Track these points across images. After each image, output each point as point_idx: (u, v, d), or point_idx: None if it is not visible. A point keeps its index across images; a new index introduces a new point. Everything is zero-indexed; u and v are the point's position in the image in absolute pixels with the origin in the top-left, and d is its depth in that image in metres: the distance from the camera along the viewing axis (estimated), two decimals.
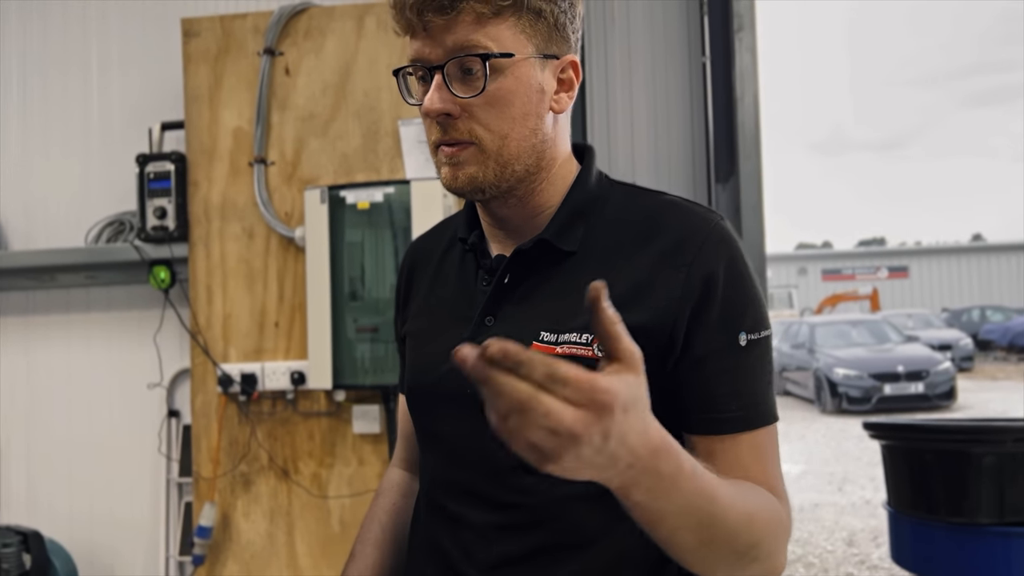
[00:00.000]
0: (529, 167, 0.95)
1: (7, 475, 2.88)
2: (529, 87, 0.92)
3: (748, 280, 0.93)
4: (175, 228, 2.60)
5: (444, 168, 0.94)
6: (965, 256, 29.19)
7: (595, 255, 0.96)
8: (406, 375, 1.10)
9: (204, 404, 2.59)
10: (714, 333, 0.90)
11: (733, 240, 0.94)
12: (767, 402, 0.93)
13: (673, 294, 0.90)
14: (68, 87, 2.91)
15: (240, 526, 2.56)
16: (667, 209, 0.97)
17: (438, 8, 0.89)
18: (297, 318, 2.56)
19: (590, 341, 0.90)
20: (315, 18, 2.58)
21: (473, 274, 1.03)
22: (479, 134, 0.91)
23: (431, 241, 1.17)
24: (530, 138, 0.94)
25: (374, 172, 2.54)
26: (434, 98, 0.90)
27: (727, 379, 0.90)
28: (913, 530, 2.24)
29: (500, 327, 0.96)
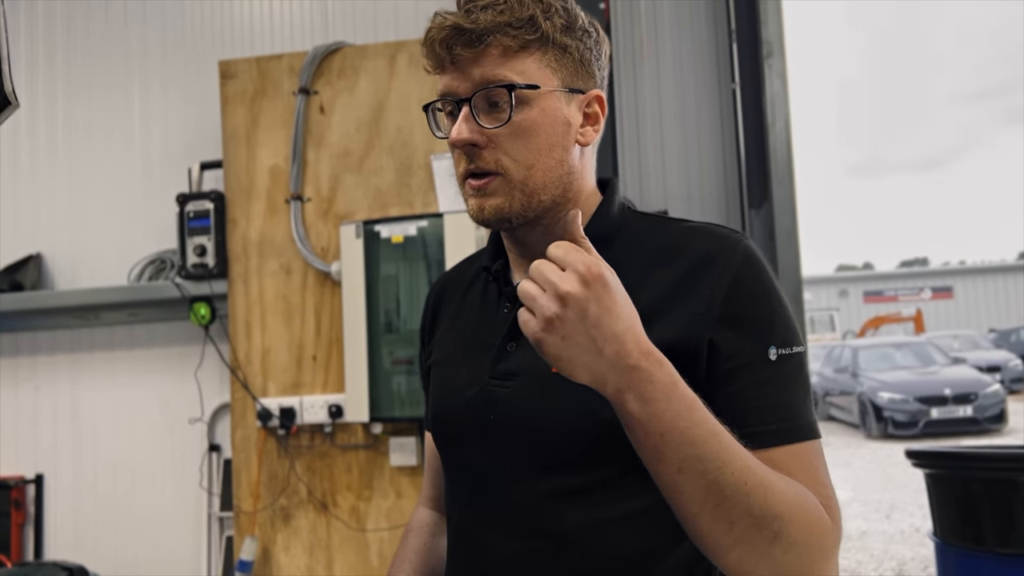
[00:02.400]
0: (556, 197, 0.96)
1: (53, 510, 2.93)
2: (555, 119, 0.94)
3: (775, 296, 0.92)
4: (215, 265, 2.65)
5: (471, 200, 0.96)
6: (1012, 275, 28.55)
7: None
8: (430, 404, 1.11)
9: (244, 438, 2.62)
10: (743, 347, 0.89)
11: (757, 258, 0.94)
12: (804, 417, 0.90)
13: (696, 309, 0.90)
14: (110, 130, 3.00)
15: (280, 560, 2.57)
16: (690, 232, 0.97)
17: (466, 42, 0.92)
18: (334, 352, 2.58)
19: None
20: (348, 57, 2.63)
21: (495, 302, 1.05)
22: (505, 164, 0.93)
23: (457, 275, 1.19)
24: (556, 169, 0.95)
25: (408, 206, 2.57)
26: (461, 128, 0.92)
27: (759, 393, 0.88)
28: (960, 561, 2.18)
29: (522, 352, 0.97)
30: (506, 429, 0.96)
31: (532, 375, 0.95)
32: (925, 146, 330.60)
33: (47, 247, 2.99)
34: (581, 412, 0.89)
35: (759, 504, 0.77)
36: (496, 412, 0.97)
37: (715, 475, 0.76)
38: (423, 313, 1.22)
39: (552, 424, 0.92)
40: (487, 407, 0.98)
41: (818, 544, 0.82)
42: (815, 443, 0.91)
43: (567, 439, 0.91)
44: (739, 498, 0.77)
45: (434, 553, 1.15)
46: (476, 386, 1.00)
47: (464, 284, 1.15)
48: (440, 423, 1.07)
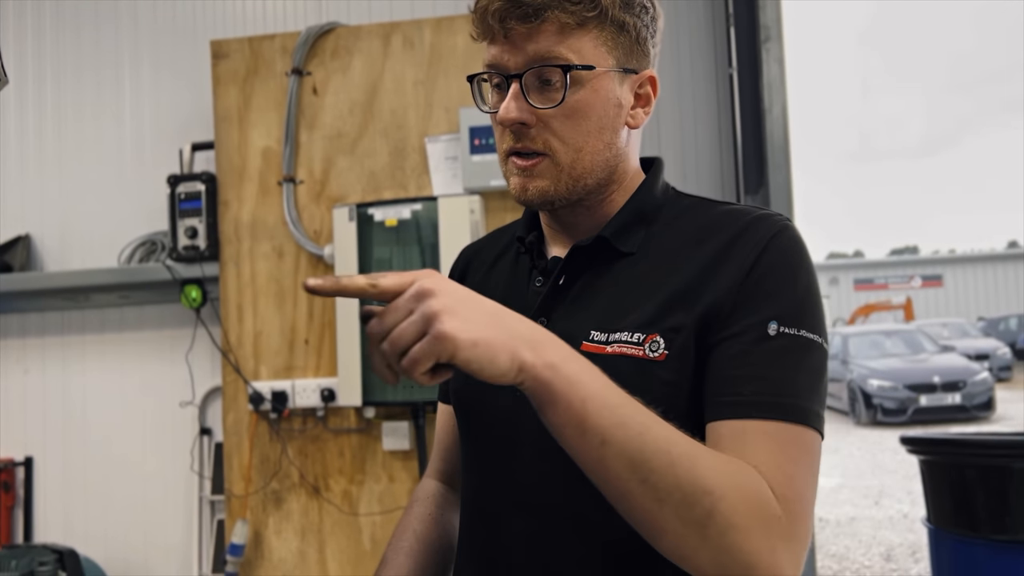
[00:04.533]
0: (600, 180, 0.94)
1: (43, 493, 2.91)
2: (607, 101, 0.91)
3: (799, 278, 0.87)
4: (206, 247, 2.63)
5: (514, 178, 0.93)
6: (1001, 264, 28.69)
7: (651, 259, 0.94)
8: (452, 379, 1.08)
9: (236, 422, 2.60)
10: (745, 315, 0.85)
11: (795, 242, 0.89)
12: (795, 399, 0.82)
13: (724, 284, 0.86)
14: (101, 110, 2.96)
15: (272, 543, 2.56)
16: (731, 213, 0.94)
17: (522, 16, 0.87)
18: (327, 335, 2.57)
19: (641, 340, 0.88)
20: (342, 38, 2.60)
21: (527, 275, 1.02)
22: (554, 146, 0.91)
23: (484, 247, 1.15)
24: (604, 152, 0.93)
25: (401, 189, 2.55)
26: (510, 107, 0.89)
27: (744, 361, 0.83)
28: (954, 547, 2.19)
29: (552, 328, 0.89)
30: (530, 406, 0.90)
31: None
32: (917, 134, 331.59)
33: (36, 228, 2.96)
34: None
35: (686, 476, 0.73)
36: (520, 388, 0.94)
37: (638, 443, 0.72)
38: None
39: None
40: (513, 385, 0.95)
41: (761, 528, 0.75)
42: (802, 432, 0.82)
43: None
44: (665, 469, 0.72)
45: (439, 523, 1.12)
46: None
47: (492, 256, 1.11)
48: (462, 395, 1.04)
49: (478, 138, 2.42)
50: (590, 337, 0.90)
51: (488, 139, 2.41)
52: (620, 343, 0.88)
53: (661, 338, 0.87)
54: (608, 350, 0.88)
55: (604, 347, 0.89)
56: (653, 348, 0.87)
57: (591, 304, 0.94)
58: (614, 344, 0.88)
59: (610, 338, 0.89)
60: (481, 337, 0.70)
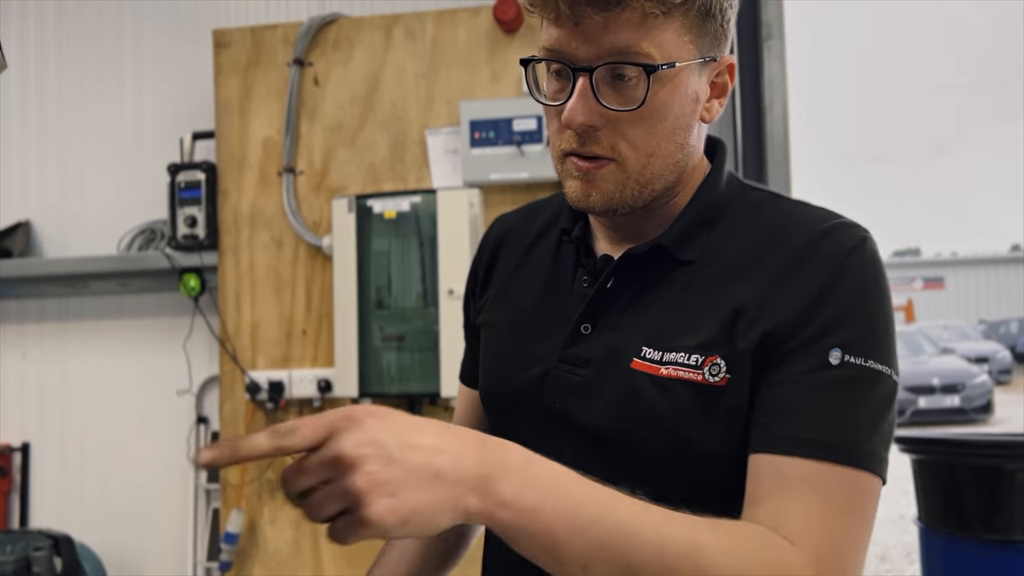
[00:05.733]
0: (669, 183, 0.84)
1: (39, 479, 2.92)
2: (685, 97, 0.80)
3: (875, 304, 0.77)
4: (205, 237, 2.63)
5: (573, 181, 0.82)
6: (1003, 267, 28.67)
7: (713, 267, 0.83)
8: (482, 376, 0.98)
9: (232, 411, 2.61)
10: (804, 343, 0.75)
11: (873, 259, 0.79)
12: (852, 437, 0.73)
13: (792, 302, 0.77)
14: (102, 97, 2.96)
15: (267, 533, 2.57)
16: (804, 216, 0.83)
17: (601, 3, 0.74)
18: (324, 326, 2.57)
19: (700, 363, 0.78)
20: (344, 29, 2.60)
21: (571, 271, 0.91)
22: (623, 151, 0.79)
23: (523, 222, 1.03)
24: (676, 154, 0.82)
25: (401, 181, 2.55)
26: (578, 108, 0.77)
27: (799, 391, 0.74)
28: (944, 547, 2.19)
29: (599, 337, 0.85)
30: (571, 422, 0.85)
31: (607, 367, 0.83)
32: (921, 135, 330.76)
33: (36, 214, 2.96)
34: (660, 426, 0.79)
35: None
36: (563, 401, 0.86)
37: (625, 560, 0.64)
38: (477, 255, 1.06)
39: (625, 432, 0.81)
40: (553, 393, 0.86)
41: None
42: (856, 476, 0.72)
43: (639, 450, 0.80)
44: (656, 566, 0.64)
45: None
46: (541, 366, 0.88)
47: (531, 236, 1.00)
48: (493, 399, 0.96)
49: (478, 131, 2.42)
50: (642, 354, 0.81)
51: (489, 132, 2.41)
52: (676, 365, 0.79)
53: (722, 360, 0.77)
54: (663, 372, 0.80)
55: (658, 368, 0.80)
56: (714, 372, 0.78)
57: (643, 315, 0.84)
58: (669, 366, 0.80)
59: (664, 357, 0.80)
60: (414, 508, 0.60)
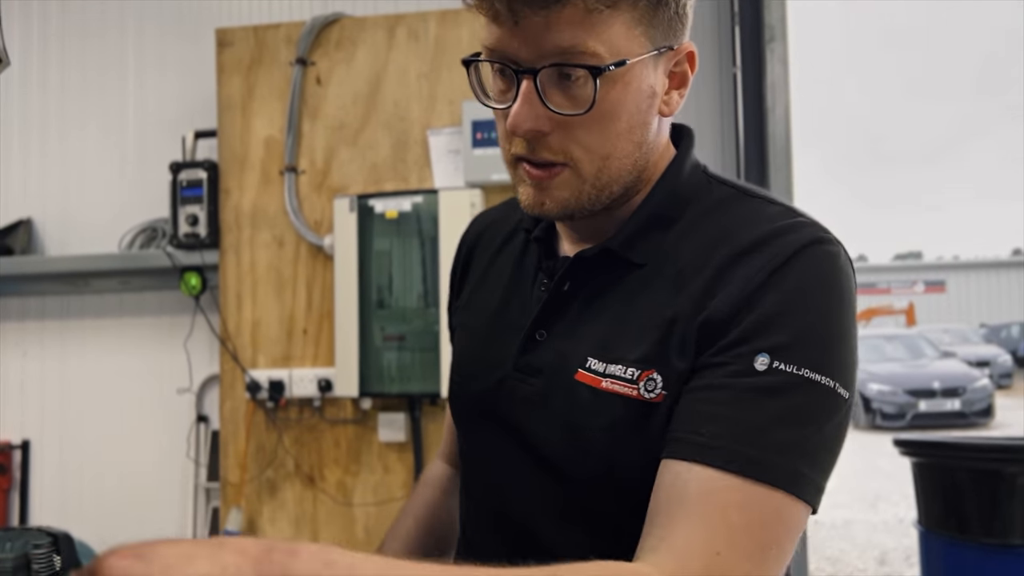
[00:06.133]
0: (628, 184, 0.78)
1: (39, 476, 2.92)
2: (639, 94, 0.73)
3: (817, 306, 0.70)
4: (206, 235, 2.63)
5: (525, 188, 0.77)
6: (1004, 271, 28.65)
7: (666, 271, 0.77)
8: (449, 381, 0.98)
9: (232, 410, 2.61)
10: (731, 344, 0.70)
11: (825, 261, 0.72)
12: (768, 451, 0.65)
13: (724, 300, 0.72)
14: (104, 95, 2.96)
15: (266, 532, 2.57)
16: (759, 213, 0.77)
17: (540, 2, 0.68)
18: (325, 326, 2.57)
19: (636, 377, 0.73)
20: (347, 29, 2.60)
21: (532, 273, 0.87)
22: (576, 155, 0.74)
23: (499, 219, 0.99)
24: (633, 153, 0.76)
25: (403, 181, 2.55)
26: (523, 113, 0.71)
27: (714, 398, 0.68)
28: (944, 549, 2.19)
29: (552, 344, 0.81)
30: (523, 433, 0.82)
31: (556, 377, 0.79)
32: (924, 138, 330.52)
33: (38, 212, 2.97)
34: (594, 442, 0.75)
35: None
36: (516, 411, 0.83)
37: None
38: (455, 254, 1.04)
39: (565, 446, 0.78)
40: (507, 402, 0.84)
41: None
42: (768, 496, 0.64)
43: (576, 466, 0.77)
44: None
45: (442, 508, 1.06)
46: (498, 373, 0.85)
47: (504, 233, 0.95)
48: (455, 401, 0.95)
49: (480, 132, 2.42)
50: (587, 365, 0.77)
51: (491, 133, 2.41)
52: (615, 379, 0.75)
53: (659, 375, 0.73)
54: (603, 385, 0.75)
55: (599, 380, 0.76)
56: (649, 388, 0.73)
57: (594, 322, 0.79)
58: (608, 379, 0.75)
59: (607, 369, 0.75)
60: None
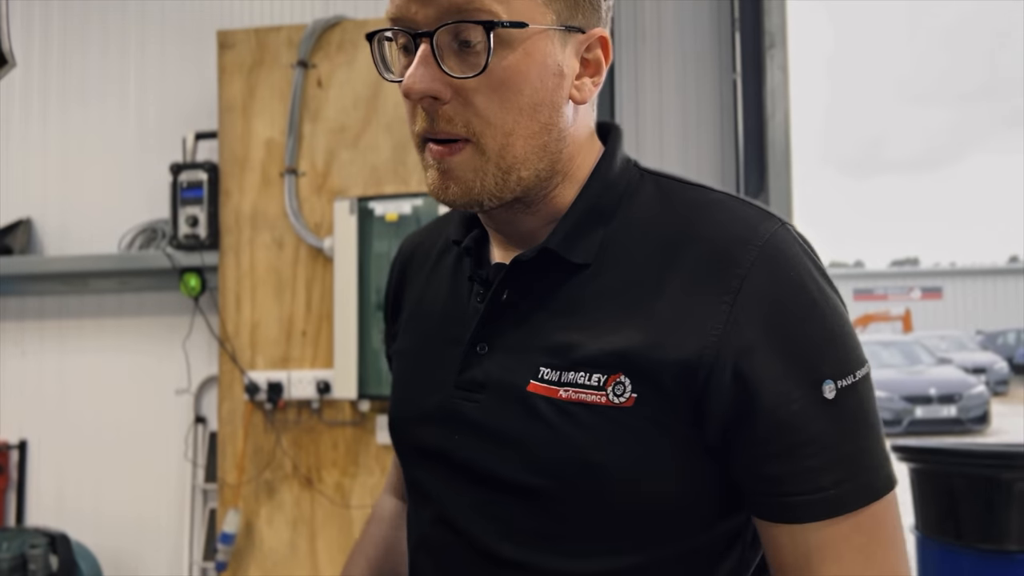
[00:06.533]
0: (540, 172, 0.74)
1: (36, 477, 2.92)
2: (544, 68, 0.71)
3: (825, 307, 0.69)
4: (206, 236, 2.64)
5: (431, 171, 0.74)
6: (1001, 278, 28.71)
7: (614, 269, 0.75)
8: (389, 411, 0.91)
9: (231, 411, 2.61)
10: (785, 387, 0.67)
11: (795, 255, 0.71)
12: (876, 467, 0.68)
13: (713, 330, 0.68)
14: (105, 96, 2.96)
15: (263, 533, 2.57)
16: (707, 212, 0.74)
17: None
18: (324, 328, 2.57)
19: (603, 383, 0.70)
20: (348, 32, 2.61)
21: (467, 285, 0.83)
22: (476, 128, 0.71)
23: (427, 239, 0.95)
24: (541, 135, 0.72)
25: (403, 184, 2.55)
26: (417, 75, 0.69)
27: (815, 448, 0.66)
28: (941, 555, 2.20)
29: (495, 357, 0.77)
30: (475, 454, 0.77)
31: (503, 391, 0.75)
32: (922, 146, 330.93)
33: (38, 212, 2.97)
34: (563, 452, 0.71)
35: None
36: (461, 432, 0.78)
37: None
38: (387, 284, 0.99)
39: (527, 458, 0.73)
40: (450, 425, 0.79)
41: None
42: (884, 503, 0.68)
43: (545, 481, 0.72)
44: None
45: (394, 547, 1.01)
46: (438, 394, 0.80)
47: (435, 253, 0.92)
48: (395, 432, 0.89)
49: None
50: (539, 375, 0.73)
51: None
52: (576, 387, 0.71)
53: (628, 378, 0.69)
54: (562, 395, 0.71)
55: (556, 390, 0.72)
56: (618, 392, 0.70)
57: (541, 330, 0.75)
58: (569, 388, 0.71)
59: (563, 378, 0.72)
60: None
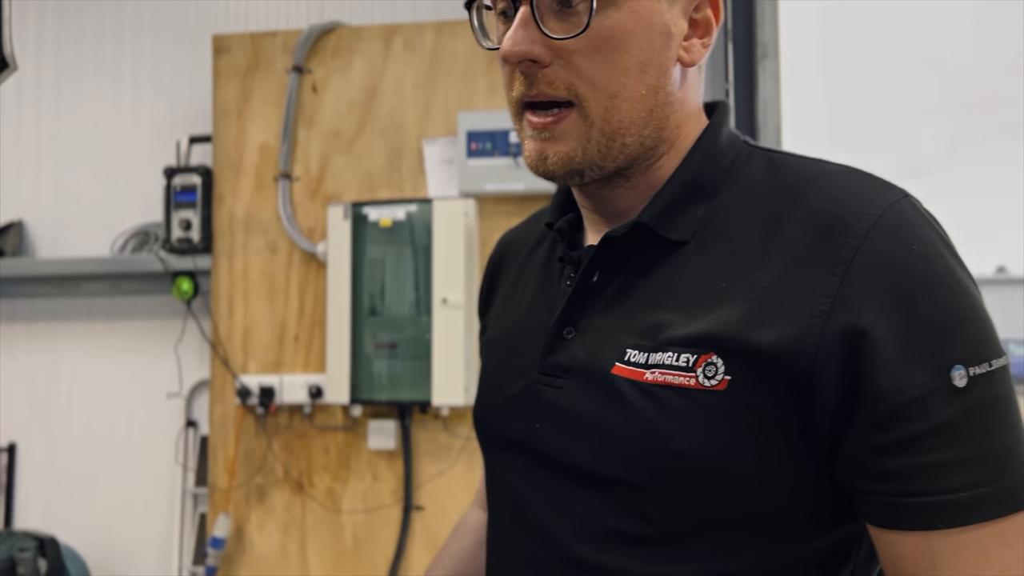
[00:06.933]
0: (645, 139, 0.70)
1: (26, 480, 2.91)
2: (651, 27, 0.67)
3: (953, 284, 0.61)
4: (199, 240, 2.64)
5: (529, 143, 0.71)
6: (988, 288, 28.79)
7: (713, 246, 0.69)
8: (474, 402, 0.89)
9: (222, 415, 2.61)
10: (906, 368, 0.58)
11: (918, 225, 0.63)
12: (1009, 482, 0.57)
13: (820, 307, 0.61)
14: (99, 99, 2.96)
15: (254, 538, 2.56)
16: (820, 183, 0.67)
17: None
18: (316, 332, 2.57)
19: (692, 364, 0.65)
20: (344, 37, 2.62)
21: (559, 270, 0.80)
22: (580, 90, 0.67)
23: (522, 233, 0.93)
24: (648, 99, 0.69)
25: (397, 190, 2.56)
26: (517, 37, 0.66)
27: (942, 441, 0.57)
28: None
29: (582, 341, 0.73)
30: (555, 444, 0.73)
31: (588, 375, 0.71)
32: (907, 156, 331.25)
33: (29, 214, 2.96)
34: (647, 439, 0.65)
35: None
36: (543, 420, 0.74)
37: None
38: (482, 279, 0.98)
39: (607, 446, 0.68)
40: (533, 411, 0.75)
41: None
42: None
43: (627, 471, 0.67)
44: None
45: (473, 560, 0.97)
46: (523, 380, 0.77)
47: (529, 244, 0.90)
48: (478, 422, 0.86)
49: (475, 142, 2.44)
50: (625, 357, 0.68)
51: (486, 143, 2.43)
52: (663, 368, 0.66)
53: (720, 359, 0.64)
54: (647, 377, 0.67)
55: (642, 372, 0.67)
56: (709, 373, 0.64)
57: (631, 311, 0.71)
58: (655, 370, 0.66)
59: (650, 359, 0.67)
60: None
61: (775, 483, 0.64)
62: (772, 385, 0.62)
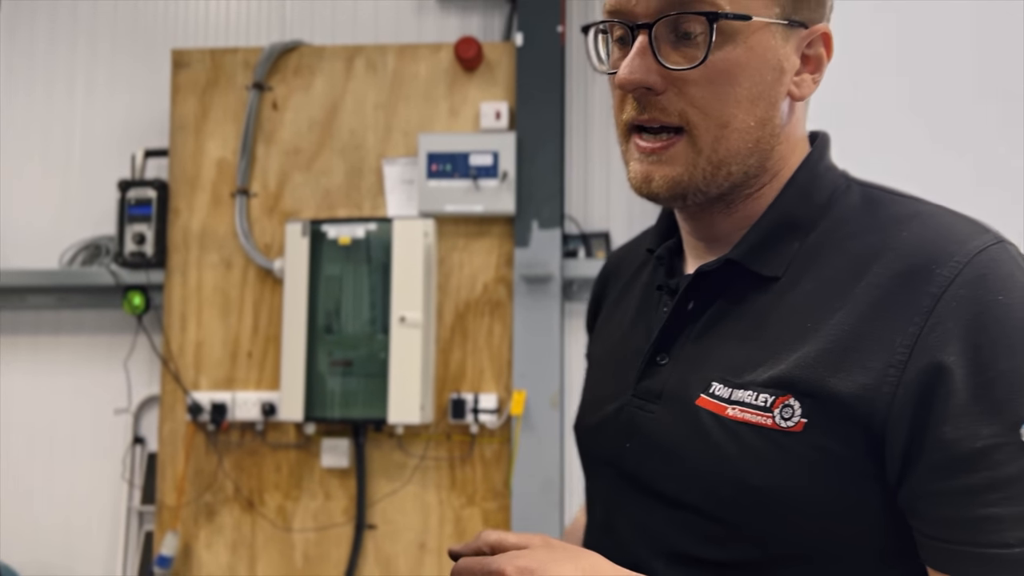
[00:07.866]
0: (749, 169, 0.72)
1: None
2: (764, 62, 0.69)
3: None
4: (153, 255, 2.61)
5: (635, 164, 0.72)
6: None
7: (803, 284, 0.70)
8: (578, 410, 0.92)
9: (172, 432, 2.57)
10: (973, 420, 0.59)
11: (1009, 275, 0.62)
12: None
13: (896, 356, 0.62)
14: (52, 107, 2.91)
15: (202, 557, 2.53)
16: (910, 224, 0.67)
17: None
18: (270, 349, 2.56)
19: (770, 404, 0.66)
20: (305, 56, 2.63)
21: (657, 295, 0.82)
22: (692, 118, 0.69)
23: (632, 250, 0.95)
24: (755, 131, 0.70)
25: (356, 208, 2.58)
26: (634, 65, 0.68)
27: (1002, 495, 0.58)
28: None
29: (673, 368, 0.75)
30: (641, 465, 0.76)
31: (675, 403, 0.73)
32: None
33: None
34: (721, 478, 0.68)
35: None
36: (633, 440, 0.77)
37: None
38: (591, 293, 1.00)
39: (686, 473, 0.71)
40: (625, 431, 0.78)
41: None
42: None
43: (703, 501, 0.70)
44: None
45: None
46: (618, 401, 0.80)
47: (635, 265, 0.91)
48: (578, 436, 0.90)
49: (436, 163, 2.47)
50: (711, 390, 0.70)
51: (446, 165, 2.46)
52: (743, 406, 0.67)
53: (797, 401, 0.65)
54: (728, 413, 0.68)
55: (724, 407, 0.69)
56: (786, 415, 0.65)
57: (720, 343, 0.73)
58: (736, 407, 0.68)
59: (733, 395, 0.68)
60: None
61: (846, 521, 0.65)
62: (847, 429, 0.63)
